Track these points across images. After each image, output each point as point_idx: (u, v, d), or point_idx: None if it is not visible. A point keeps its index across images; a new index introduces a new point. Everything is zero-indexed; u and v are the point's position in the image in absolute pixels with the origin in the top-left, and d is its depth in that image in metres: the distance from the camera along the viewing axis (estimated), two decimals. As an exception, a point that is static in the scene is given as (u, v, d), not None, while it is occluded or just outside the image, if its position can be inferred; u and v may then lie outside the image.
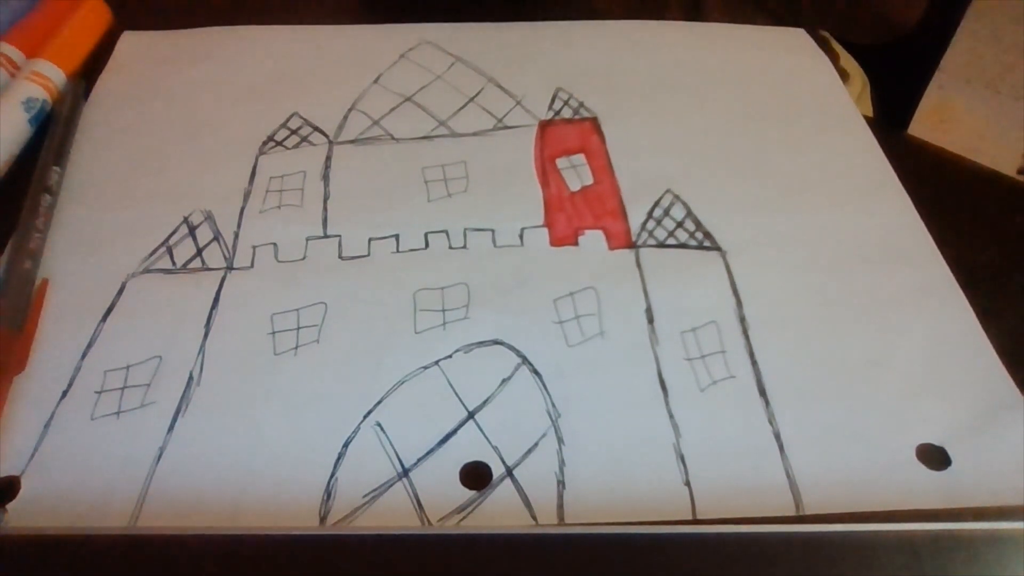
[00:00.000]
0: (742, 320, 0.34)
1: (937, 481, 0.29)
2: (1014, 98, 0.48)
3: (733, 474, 0.29)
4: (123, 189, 0.40)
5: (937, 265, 0.36)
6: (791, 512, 0.28)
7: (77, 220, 0.38)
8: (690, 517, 0.28)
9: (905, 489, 0.29)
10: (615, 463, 0.29)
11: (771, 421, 0.31)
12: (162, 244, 0.37)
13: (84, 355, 0.33)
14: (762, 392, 0.32)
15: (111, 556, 0.26)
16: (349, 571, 0.26)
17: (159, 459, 0.29)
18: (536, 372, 0.32)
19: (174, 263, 0.36)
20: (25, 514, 0.28)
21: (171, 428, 0.30)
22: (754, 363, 0.33)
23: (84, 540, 0.27)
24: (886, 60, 0.56)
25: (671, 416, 0.31)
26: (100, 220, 0.38)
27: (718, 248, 0.37)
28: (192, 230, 0.38)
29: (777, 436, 0.30)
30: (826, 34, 0.54)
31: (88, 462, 0.29)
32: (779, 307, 0.35)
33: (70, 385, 0.32)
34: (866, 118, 0.46)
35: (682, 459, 0.30)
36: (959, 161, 0.47)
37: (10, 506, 0.28)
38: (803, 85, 0.47)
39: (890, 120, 0.50)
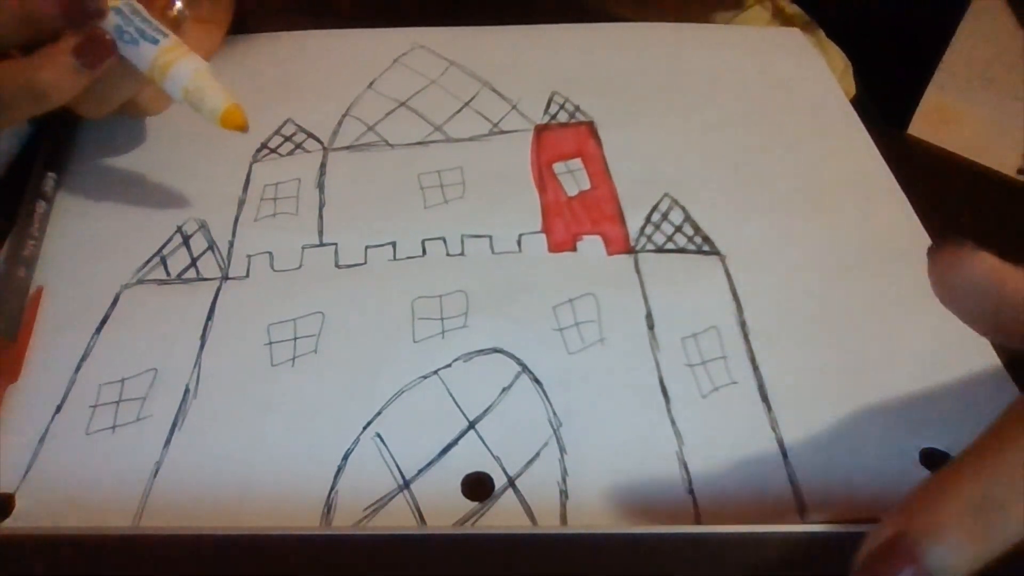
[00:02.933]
0: (743, 325, 0.34)
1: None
2: (1014, 98, 0.48)
3: (736, 481, 0.30)
4: (116, 197, 0.40)
5: None
6: (795, 519, 0.29)
7: (71, 227, 0.38)
8: (692, 525, 0.28)
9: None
10: (618, 472, 0.30)
11: (774, 427, 0.31)
12: (156, 254, 0.37)
13: (78, 368, 0.33)
14: (764, 398, 0.32)
15: (109, 557, 0.26)
16: (352, 571, 0.26)
17: (156, 474, 0.29)
18: (536, 380, 0.32)
19: (168, 273, 0.36)
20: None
21: (167, 443, 0.30)
22: (755, 368, 0.33)
23: (82, 540, 0.27)
24: (886, 60, 0.57)
25: (673, 423, 0.31)
26: (94, 228, 0.38)
27: (717, 252, 0.37)
28: (186, 239, 0.38)
29: (780, 442, 0.30)
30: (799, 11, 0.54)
31: (84, 478, 0.29)
32: (779, 311, 0.35)
33: (64, 399, 0.32)
34: (854, 100, 0.46)
35: (685, 466, 0.30)
36: (959, 161, 0.47)
37: (4, 524, 0.28)
38: (799, 86, 0.47)
39: (890, 120, 0.50)
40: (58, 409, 0.32)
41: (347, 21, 0.51)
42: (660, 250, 0.37)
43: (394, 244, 0.38)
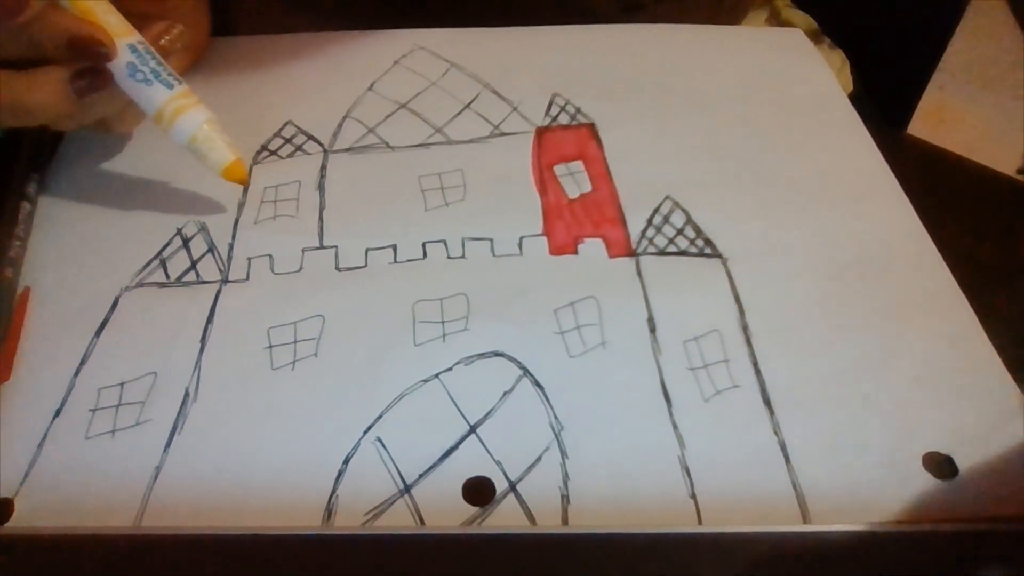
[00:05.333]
0: (745, 328, 0.34)
1: (944, 490, 0.29)
2: (1014, 98, 0.48)
3: (739, 485, 0.29)
4: (113, 200, 0.40)
5: (940, 270, 0.37)
6: (798, 523, 0.28)
7: (65, 231, 0.38)
8: (694, 527, 0.28)
9: (912, 498, 0.29)
10: (619, 476, 0.29)
11: (776, 431, 0.31)
12: (156, 257, 0.37)
13: (77, 372, 0.33)
14: (767, 401, 0.32)
15: (110, 558, 0.26)
16: (352, 572, 0.26)
17: (155, 479, 0.29)
18: (538, 384, 0.32)
19: (168, 276, 0.36)
20: (19, 536, 0.28)
21: (167, 447, 0.30)
22: (758, 372, 0.33)
23: (83, 541, 0.27)
24: (885, 59, 0.56)
25: (675, 427, 0.31)
26: (90, 232, 0.38)
27: (719, 255, 0.37)
28: (186, 242, 0.37)
29: (783, 446, 0.30)
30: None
31: (83, 483, 0.29)
32: (782, 315, 0.35)
33: (63, 403, 0.32)
34: (852, 98, 0.46)
35: (687, 471, 0.30)
36: (959, 161, 0.47)
37: (3, 528, 0.28)
38: (801, 87, 0.47)
39: (889, 119, 0.50)
40: (57, 413, 0.31)
41: (347, 22, 0.50)
42: (662, 253, 0.37)
43: (395, 247, 0.37)
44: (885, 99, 0.53)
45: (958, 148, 0.48)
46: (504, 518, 0.28)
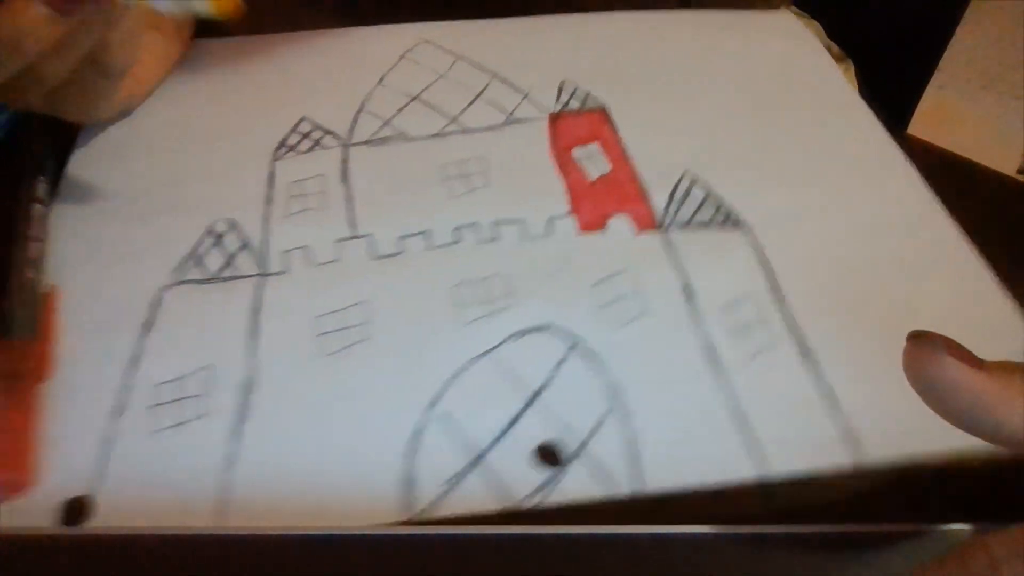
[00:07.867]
0: (775, 291, 0.37)
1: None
2: (1014, 98, 0.52)
3: (792, 432, 0.32)
4: (137, 200, 0.41)
5: (951, 231, 0.40)
6: (849, 463, 0.31)
7: (91, 231, 0.40)
8: (755, 473, 0.31)
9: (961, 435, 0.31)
10: (677, 433, 0.32)
11: (822, 380, 0.33)
12: (190, 254, 0.39)
13: (131, 369, 0.34)
14: (807, 355, 0.34)
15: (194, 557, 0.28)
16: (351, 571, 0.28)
17: (230, 467, 0.31)
18: (588, 354, 0.34)
19: (206, 272, 0.38)
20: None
21: (235, 436, 0.32)
22: (794, 330, 0.35)
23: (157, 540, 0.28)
24: (886, 59, 0.59)
25: (723, 386, 0.34)
26: (118, 232, 0.40)
27: (741, 225, 0.40)
28: (218, 239, 0.39)
29: (830, 393, 0.33)
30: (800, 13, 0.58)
31: (158, 476, 0.31)
32: (810, 279, 0.38)
33: (123, 401, 0.33)
34: None
35: (739, 425, 0.32)
36: (959, 161, 0.50)
37: (88, 528, 0.29)
38: (798, 67, 0.50)
39: (890, 120, 0.54)
40: (117, 411, 0.33)
41: (335, 18, 0.53)
42: (686, 225, 0.40)
43: (427, 233, 0.40)
44: (886, 99, 0.57)
45: (958, 148, 0.50)
46: (577, 478, 0.31)
